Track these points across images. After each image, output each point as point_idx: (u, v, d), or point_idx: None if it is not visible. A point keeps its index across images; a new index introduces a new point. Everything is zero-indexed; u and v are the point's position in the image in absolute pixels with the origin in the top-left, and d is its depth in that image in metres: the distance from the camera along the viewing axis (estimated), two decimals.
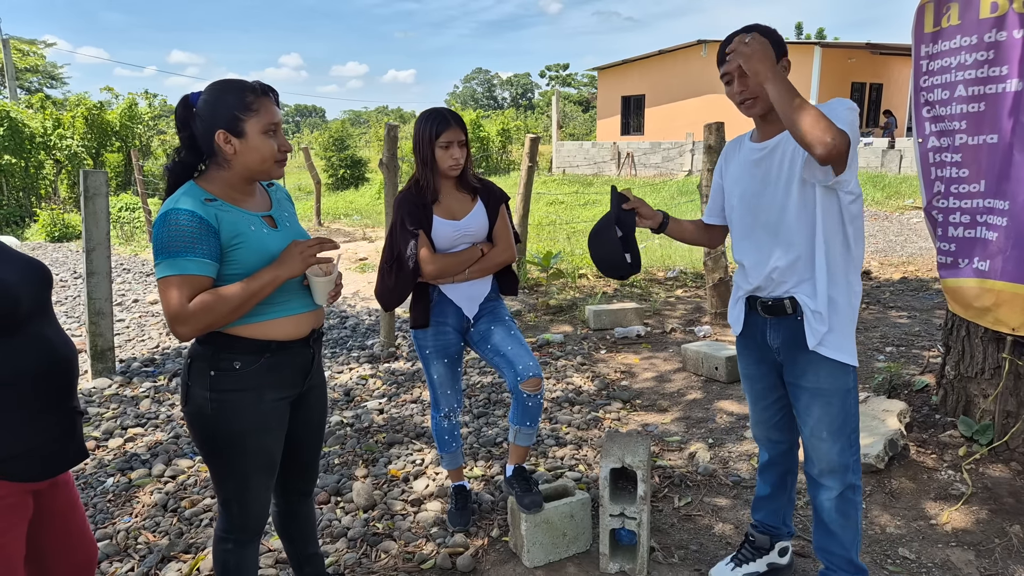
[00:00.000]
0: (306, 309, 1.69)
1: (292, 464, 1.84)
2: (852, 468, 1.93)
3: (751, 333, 2.05)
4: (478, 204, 2.38)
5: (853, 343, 1.89)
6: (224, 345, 1.58)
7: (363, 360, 4.63)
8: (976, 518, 2.53)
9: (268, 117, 1.57)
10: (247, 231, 1.57)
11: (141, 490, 2.87)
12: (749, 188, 1.95)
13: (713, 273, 5.27)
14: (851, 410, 1.92)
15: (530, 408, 2.33)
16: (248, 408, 1.60)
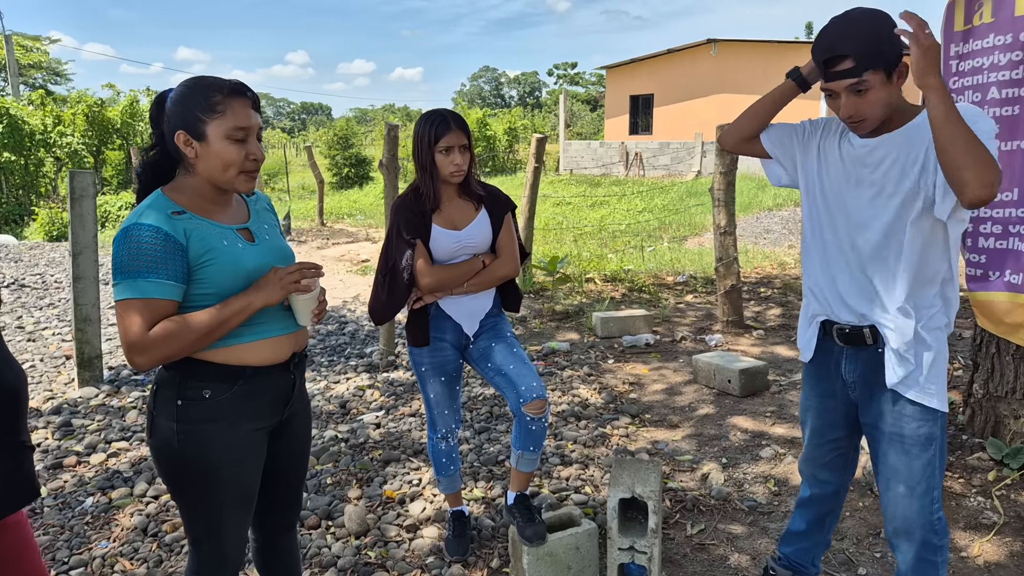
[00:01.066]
0: (285, 331, 1.53)
1: (272, 498, 1.68)
2: (934, 527, 1.69)
3: (823, 361, 1.81)
4: (481, 213, 2.22)
5: (943, 386, 1.64)
6: (192, 371, 1.43)
7: (361, 369, 4.48)
8: (1010, 550, 2.36)
9: (234, 120, 1.41)
10: (219, 246, 1.42)
11: (121, 511, 2.72)
12: (838, 184, 1.68)
13: (725, 280, 5.10)
14: (936, 463, 1.66)
15: (533, 432, 2.17)
16: (219, 441, 1.45)
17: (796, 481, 2.91)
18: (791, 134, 1.83)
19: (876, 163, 1.62)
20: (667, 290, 6.57)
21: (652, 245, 9.39)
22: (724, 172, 4.99)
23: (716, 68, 20.74)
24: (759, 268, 7.48)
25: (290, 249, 1.62)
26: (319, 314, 1.57)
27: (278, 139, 39.70)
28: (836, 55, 1.52)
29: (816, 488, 1.97)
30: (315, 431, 3.50)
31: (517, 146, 24.94)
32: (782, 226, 10.57)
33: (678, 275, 7.09)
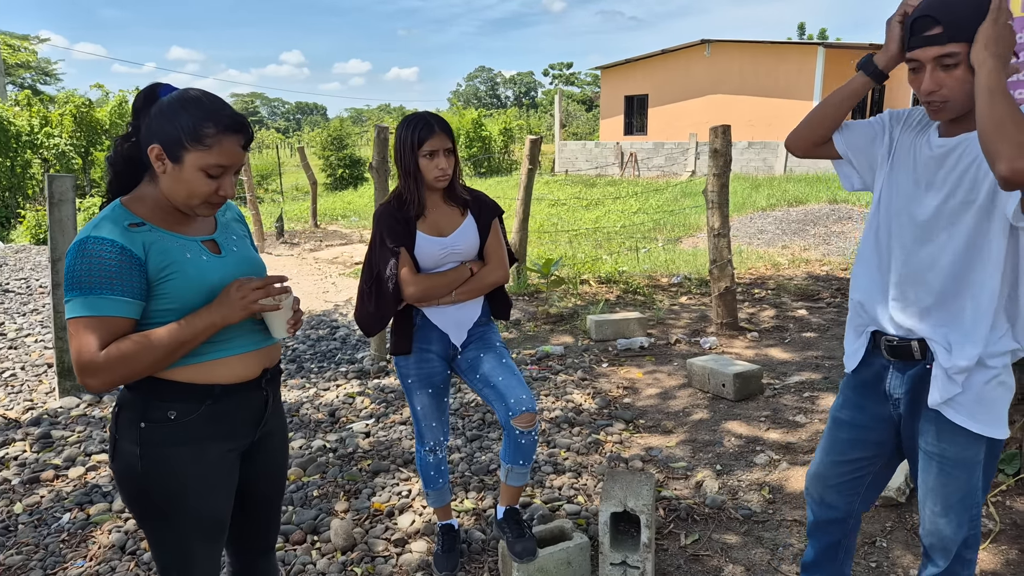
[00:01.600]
0: (256, 346, 1.46)
1: (248, 521, 1.61)
2: (966, 546, 1.63)
3: (867, 374, 1.69)
4: (468, 219, 2.16)
5: (999, 412, 1.52)
6: (156, 391, 1.35)
7: (352, 376, 4.41)
8: (1006, 558, 2.31)
9: (217, 159, 1.33)
10: (181, 259, 1.35)
11: (99, 528, 2.65)
12: (906, 185, 1.57)
13: (719, 282, 5.05)
14: (977, 484, 1.58)
15: (523, 446, 2.11)
16: (187, 465, 1.37)
17: (791, 489, 2.86)
18: (869, 132, 1.68)
19: (952, 165, 1.48)
20: (661, 291, 6.53)
21: (647, 246, 9.34)
22: (717, 174, 4.94)
23: (710, 68, 20.72)
24: (753, 269, 7.44)
25: (260, 260, 1.55)
26: (295, 325, 1.49)
27: (272, 139, 39.56)
28: (926, 16, 1.40)
29: (821, 512, 1.85)
30: (303, 440, 3.44)
31: (513, 147, 24.88)
32: (776, 226, 10.54)
33: (673, 276, 7.05)
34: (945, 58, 1.40)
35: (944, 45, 1.39)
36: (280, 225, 11.14)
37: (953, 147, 1.50)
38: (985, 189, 1.44)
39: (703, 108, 20.76)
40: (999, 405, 1.51)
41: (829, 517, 1.83)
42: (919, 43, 1.42)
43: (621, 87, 23.61)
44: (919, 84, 1.45)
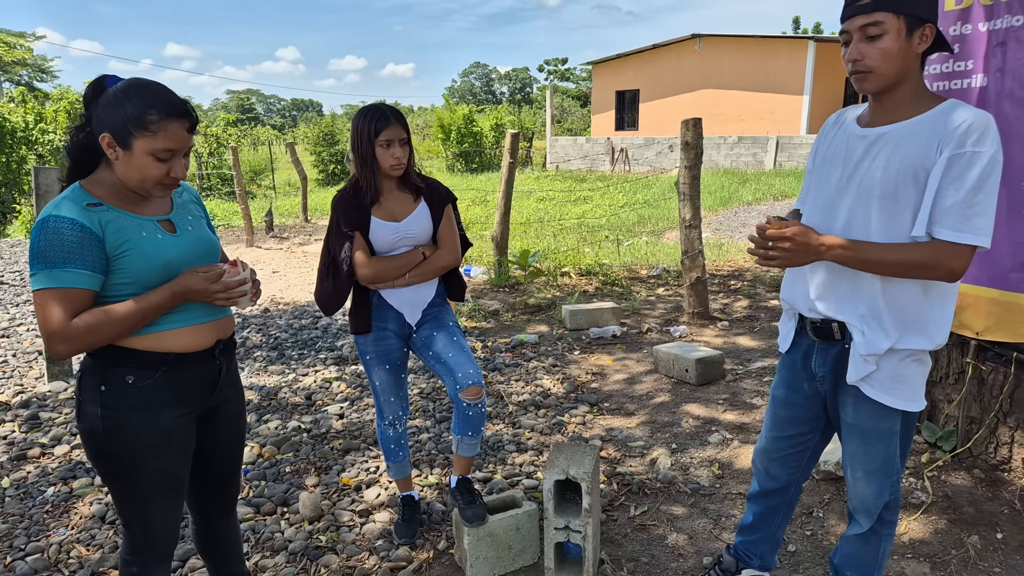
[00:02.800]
0: (209, 318, 1.59)
1: (207, 482, 1.75)
2: (888, 509, 1.77)
3: (796, 354, 1.80)
4: (421, 205, 2.30)
5: (910, 388, 1.60)
6: (115, 358, 1.48)
7: (330, 362, 4.55)
8: (934, 528, 2.46)
9: (165, 143, 1.43)
10: (136, 237, 1.47)
11: (81, 500, 2.79)
12: (827, 172, 1.62)
13: (691, 272, 5.19)
14: (895, 453, 1.69)
15: (471, 417, 2.25)
16: (143, 426, 1.51)
17: (739, 465, 3.01)
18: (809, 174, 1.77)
19: (870, 159, 1.53)
20: (640, 283, 6.67)
21: (630, 239, 9.48)
22: (689, 167, 5.08)
23: (700, 63, 20.83)
24: (731, 261, 7.59)
25: (215, 240, 1.67)
26: (254, 295, 1.61)
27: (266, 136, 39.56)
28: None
29: (765, 482, 1.99)
30: (279, 422, 3.58)
31: (504, 142, 25.00)
32: (759, 220, 10.69)
33: (652, 268, 7.19)
34: (870, 27, 1.44)
35: (870, 14, 1.43)
36: (269, 219, 11.25)
37: (875, 139, 1.54)
38: (895, 186, 1.49)
39: (694, 103, 20.88)
40: (914, 380, 1.60)
41: (772, 487, 1.98)
42: (849, 12, 1.48)
43: (612, 82, 23.71)
44: (845, 58, 1.52)
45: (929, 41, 1.47)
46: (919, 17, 1.44)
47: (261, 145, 35.51)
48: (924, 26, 1.46)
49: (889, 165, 1.49)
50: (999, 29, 2.43)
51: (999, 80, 2.45)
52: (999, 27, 2.43)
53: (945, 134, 1.43)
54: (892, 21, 1.43)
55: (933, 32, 1.47)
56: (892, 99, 1.52)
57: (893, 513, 1.79)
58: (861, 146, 1.56)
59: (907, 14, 1.43)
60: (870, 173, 1.52)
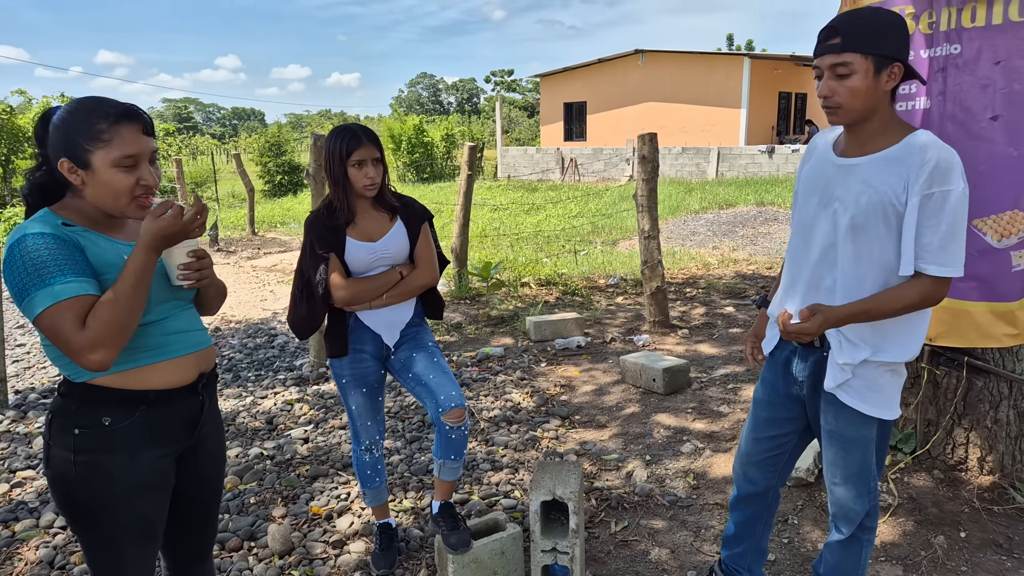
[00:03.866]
0: (191, 350, 1.50)
1: (184, 526, 1.64)
2: (867, 514, 1.82)
3: (779, 358, 1.87)
4: (397, 224, 2.24)
5: (885, 396, 1.68)
6: (90, 398, 1.37)
7: (290, 383, 4.40)
8: (903, 530, 2.55)
9: (122, 149, 1.35)
10: (118, 261, 1.37)
11: (25, 544, 2.59)
12: (814, 200, 1.71)
13: (651, 282, 5.27)
14: (871, 459, 1.76)
15: (454, 441, 2.21)
16: (120, 471, 1.39)
17: (714, 474, 3.05)
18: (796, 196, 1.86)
19: (853, 186, 1.60)
20: (599, 292, 6.73)
21: (585, 249, 9.58)
22: (646, 179, 5.17)
23: (644, 77, 21.38)
24: (685, 269, 7.76)
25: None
26: (198, 272, 1.44)
27: (207, 146, 38.31)
28: (831, 26, 1.54)
29: (744, 487, 2.03)
30: (239, 449, 3.43)
31: (455, 152, 24.92)
32: (707, 228, 10.99)
33: (610, 277, 7.28)
34: (839, 66, 1.52)
35: (839, 54, 1.51)
36: (214, 233, 10.87)
37: (851, 168, 1.62)
38: (868, 214, 1.57)
39: (639, 115, 21.39)
40: (889, 390, 1.68)
41: (751, 491, 2.03)
42: (821, 51, 1.56)
43: (560, 94, 24.04)
44: (819, 91, 1.59)
45: (898, 79, 1.55)
46: (888, 56, 1.51)
47: (202, 155, 34.36)
48: (893, 65, 1.53)
49: (860, 199, 1.58)
50: (939, 56, 2.57)
51: (941, 103, 2.58)
52: (939, 54, 2.57)
53: (913, 172, 1.51)
54: (860, 62, 1.51)
55: (901, 70, 1.55)
56: (864, 131, 1.60)
57: (872, 519, 1.86)
58: (835, 175, 1.65)
59: (875, 55, 1.50)
60: (843, 204, 1.61)
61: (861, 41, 1.50)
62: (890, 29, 1.52)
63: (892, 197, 1.54)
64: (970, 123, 2.48)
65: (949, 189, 1.49)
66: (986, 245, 2.48)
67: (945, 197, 1.49)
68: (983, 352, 2.70)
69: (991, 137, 2.43)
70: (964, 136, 2.50)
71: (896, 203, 1.54)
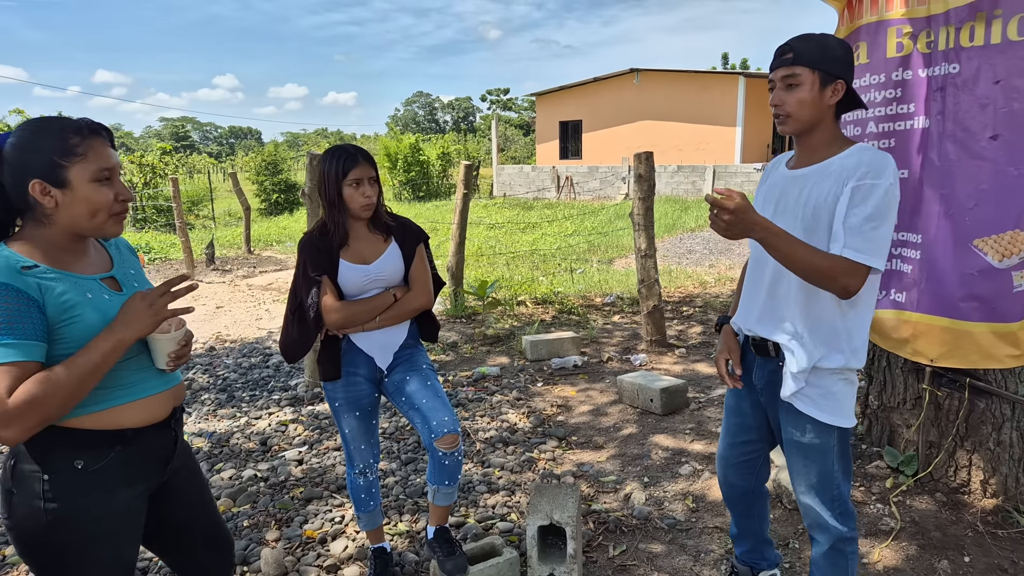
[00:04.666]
0: (164, 387, 1.45)
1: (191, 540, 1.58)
2: (840, 521, 1.84)
3: (743, 366, 1.97)
4: (392, 246, 2.22)
5: (840, 403, 1.75)
6: (59, 440, 1.28)
7: (285, 403, 4.35)
8: (906, 554, 2.51)
9: (99, 162, 1.31)
10: (82, 300, 1.30)
11: (15, 569, 2.54)
12: (770, 215, 1.82)
13: (648, 301, 5.26)
14: (832, 467, 1.80)
15: (447, 467, 2.17)
16: (96, 514, 1.32)
17: (713, 497, 3.01)
18: None
19: (802, 194, 1.73)
20: (595, 311, 6.72)
21: (581, 267, 9.59)
22: (643, 198, 5.18)
23: (640, 96, 21.56)
24: (682, 288, 7.76)
25: None
26: (180, 358, 1.44)
27: (204, 164, 38.41)
28: (786, 44, 1.71)
29: (727, 490, 2.14)
30: (233, 471, 3.38)
31: (451, 171, 25.05)
32: (703, 246, 11.01)
33: (606, 296, 7.26)
34: (789, 78, 1.68)
35: (791, 67, 1.68)
36: (211, 252, 10.84)
37: (796, 178, 1.77)
38: (809, 219, 1.69)
39: (634, 133, 21.54)
40: (843, 398, 1.76)
41: (734, 494, 2.14)
42: (775, 65, 1.72)
43: (556, 113, 24.23)
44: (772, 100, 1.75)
45: (840, 95, 1.70)
46: (832, 74, 1.68)
47: (198, 174, 34.44)
48: (836, 82, 1.68)
49: (808, 201, 1.71)
50: (938, 75, 2.58)
51: (940, 123, 2.59)
52: (937, 73, 2.58)
53: (849, 171, 1.65)
54: (808, 75, 1.67)
55: (844, 87, 1.69)
56: (810, 143, 1.76)
57: (852, 530, 1.88)
58: (787, 185, 1.79)
59: (821, 70, 1.67)
60: (794, 207, 1.75)
61: (810, 57, 1.67)
62: (836, 51, 1.69)
63: (832, 196, 1.67)
64: (969, 142, 2.49)
65: (877, 183, 1.60)
66: (987, 265, 2.48)
67: (872, 189, 1.60)
68: (985, 373, 2.69)
69: (991, 156, 2.44)
70: (964, 156, 2.51)
71: (834, 202, 1.66)
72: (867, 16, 2.77)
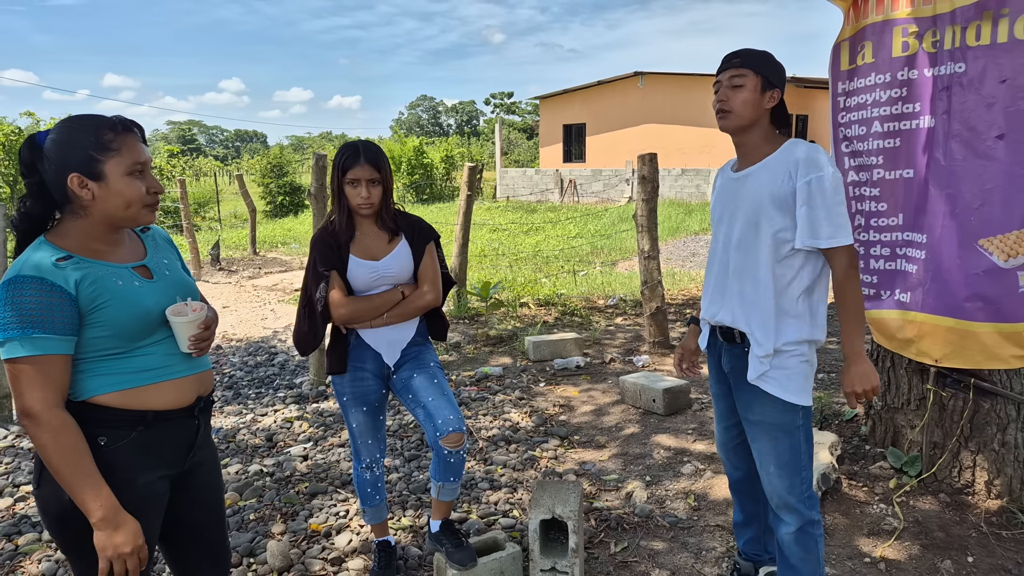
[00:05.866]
0: (191, 372, 1.49)
1: (191, 554, 1.61)
2: (806, 504, 1.95)
3: (712, 352, 2.10)
4: (401, 243, 2.23)
5: (802, 383, 1.90)
6: (86, 416, 1.34)
7: (290, 400, 4.37)
8: (909, 554, 2.52)
9: (133, 156, 1.39)
10: (112, 287, 1.37)
11: (28, 558, 2.56)
12: (720, 216, 2.02)
13: (650, 302, 5.27)
14: (800, 446, 1.93)
15: (452, 464, 2.18)
16: (115, 492, 1.35)
17: (715, 496, 3.02)
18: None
19: (747, 192, 1.93)
20: (598, 313, 6.73)
21: (584, 269, 9.60)
22: (646, 199, 5.20)
23: (644, 99, 21.57)
24: (685, 290, 7.76)
25: (193, 283, 1.57)
26: (202, 342, 1.49)
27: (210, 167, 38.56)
28: (734, 53, 1.92)
29: (732, 472, 2.23)
30: (239, 465, 3.39)
31: (454, 174, 25.11)
32: (707, 249, 10.99)
33: (609, 298, 7.27)
34: (736, 78, 1.88)
35: (738, 69, 1.88)
36: (216, 252, 10.89)
37: (743, 177, 1.94)
38: (763, 211, 1.86)
39: (638, 136, 21.53)
40: (804, 379, 1.91)
41: (737, 476, 2.22)
42: (724, 67, 1.92)
43: (559, 116, 24.25)
44: (715, 100, 1.94)
45: (776, 101, 1.90)
46: (771, 82, 1.89)
47: (205, 176, 34.58)
48: (773, 90, 1.90)
49: (757, 196, 1.89)
50: (943, 75, 2.58)
51: (946, 122, 2.59)
52: (943, 73, 2.58)
53: (791, 164, 1.84)
54: (752, 77, 1.88)
55: (779, 96, 1.91)
56: (747, 144, 1.94)
57: (816, 512, 1.97)
58: (735, 186, 1.98)
59: (763, 76, 1.89)
60: (746, 204, 1.91)
61: (755, 63, 1.88)
62: (776, 66, 1.91)
63: (779, 188, 1.84)
64: (975, 142, 2.49)
65: (822, 174, 1.79)
66: (993, 265, 2.48)
67: (820, 180, 1.79)
68: (990, 374, 2.69)
69: (997, 156, 2.44)
70: (970, 155, 2.51)
71: (784, 191, 1.84)
72: (872, 15, 2.78)
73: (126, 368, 1.39)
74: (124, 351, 1.39)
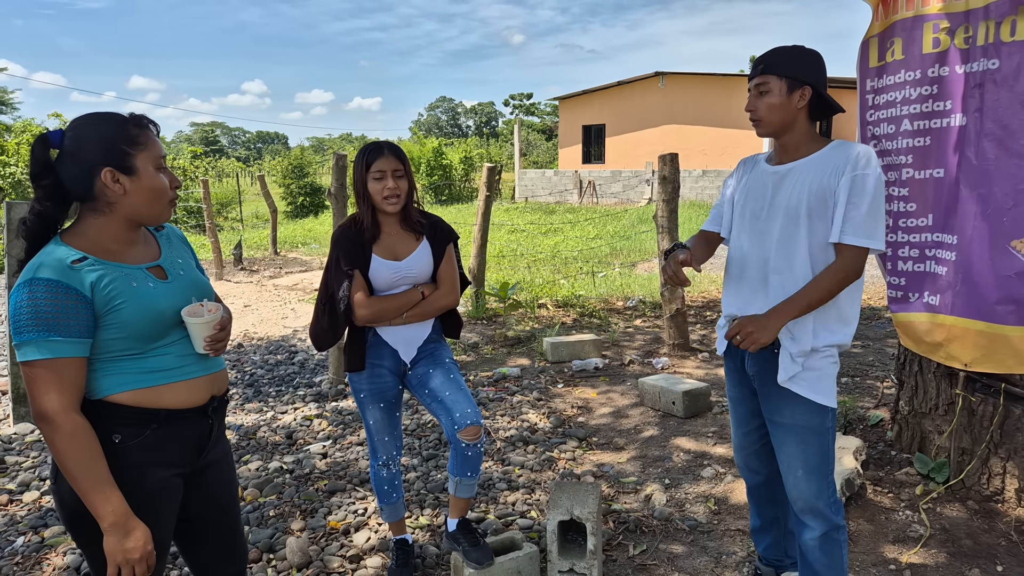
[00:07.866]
0: (205, 372, 1.49)
1: (206, 552, 1.62)
2: (832, 508, 1.91)
3: (733, 356, 2.05)
4: (423, 243, 2.24)
5: (831, 384, 1.87)
6: (101, 414, 1.35)
7: (309, 399, 4.41)
8: (935, 561, 2.46)
9: (156, 151, 1.41)
10: (127, 289, 1.36)
11: (54, 551, 2.61)
12: (754, 210, 1.95)
13: (671, 304, 5.22)
14: (828, 449, 1.89)
15: (470, 458, 2.18)
16: (128, 489, 1.36)
17: (735, 500, 2.97)
18: (726, 202, 2.09)
19: (788, 188, 1.87)
20: (617, 315, 6.69)
21: (603, 271, 9.55)
22: (667, 200, 5.15)
23: (664, 99, 21.42)
24: (705, 292, 7.69)
25: (207, 282, 1.57)
26: (218, 342, 1.49)
27: (232, 168, 39.07)
28: (758, 60, 1.88)
29: (750, 478, 2.18)
30: (260, 462, 3.42)
31: (473, 175, 25.16)
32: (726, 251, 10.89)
33: (628, 300, 7.23)
34: (760, 85, 1.86)
35: (761, 75, 1.86)
36: (238, 252, 11.02)
37: (785, 173, 1.89)
38: (807, 206, 1.81)
39: (658, 137, 21.39)
40: (832, 380, 1.89)
41: (757, 481, 2.17)
42: (751, 75, 1.89)
43: (579, 117, 24.19)
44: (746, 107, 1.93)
45: (807, 99, 1.85)
46: (799, 80, 1.84)
47: (227, 177, 35.05)
48: (803, 87, 1.84)
49: (805, 190, 1.83)
50: (976, 72, 2.52)
51: (978, 120, 2.53)
52: (976, 70, 2.52)
53: (842, 162, 1.80)
54: (776, 82, 1.85)
55: (810, 92, 1.85)
56: (789, 143, 1.90)
57: (840, 516, 1.93)
58: (774, 180, 1.91)
59: (788, 77, 1.84)
60: (791, 198, 1.85)
61: (777, 67, 1.85)
62: (804, 60, 1.86)
63: (829, 184, 1.80)
64: (1009, 141, 2.43)
65: (868, 173, 1.76)
66: None
67: (866, 179, 1.76)
68: (1021, 379, 2.62)
69: None
70: (1002, 154, 2.45)
71: (829, 188, 1.80)
72: (903, 11, 2.72)
73: (140, 369, 1.39)
74: (139, 352, 1.40)
